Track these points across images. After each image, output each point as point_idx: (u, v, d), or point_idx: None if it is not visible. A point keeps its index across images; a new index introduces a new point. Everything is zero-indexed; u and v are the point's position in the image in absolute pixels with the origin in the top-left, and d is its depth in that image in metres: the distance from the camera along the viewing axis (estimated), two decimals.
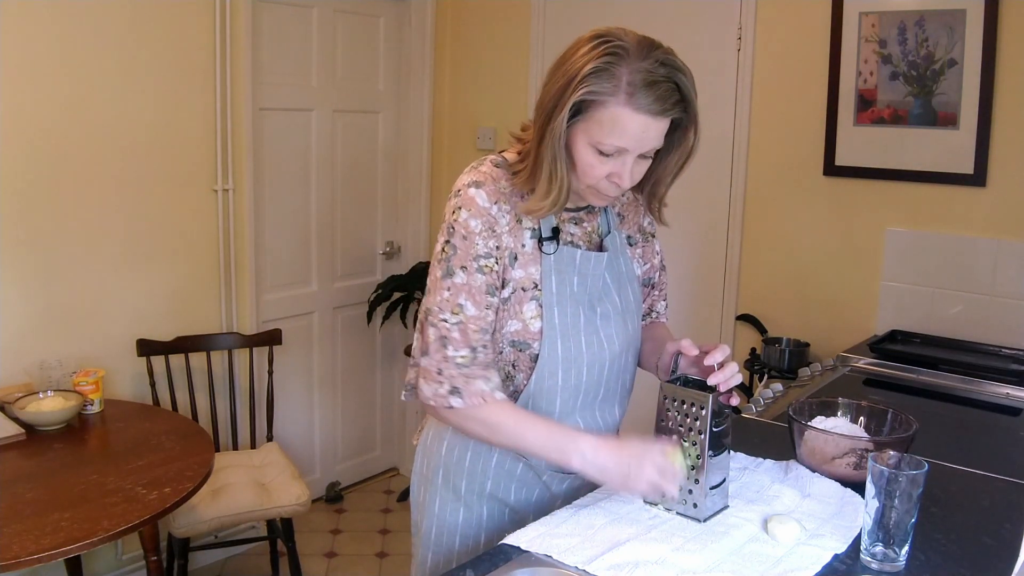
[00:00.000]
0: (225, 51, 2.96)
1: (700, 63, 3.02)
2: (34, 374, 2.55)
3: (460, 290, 1.31)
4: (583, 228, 1.44)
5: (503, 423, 1.32)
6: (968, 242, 2.52)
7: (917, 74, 2.55)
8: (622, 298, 1.45)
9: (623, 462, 1.25)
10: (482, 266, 1.32)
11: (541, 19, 3.41)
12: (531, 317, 1.35)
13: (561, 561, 1.17)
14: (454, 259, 1.32)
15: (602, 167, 1.27)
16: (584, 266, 1.39)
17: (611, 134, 1.23)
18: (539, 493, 1.47)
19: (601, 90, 1.20)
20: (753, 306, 2.98)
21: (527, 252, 1.35)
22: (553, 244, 1.36)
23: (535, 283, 1.35)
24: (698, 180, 3.07)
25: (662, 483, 1.24)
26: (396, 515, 3.58)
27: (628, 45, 1.21)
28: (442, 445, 1.47)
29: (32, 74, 2.52)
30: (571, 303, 1.37)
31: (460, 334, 1.31)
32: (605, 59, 1.20)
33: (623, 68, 1.20)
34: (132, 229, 2.82)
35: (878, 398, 2.08)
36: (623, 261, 1.47)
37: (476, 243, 1.31)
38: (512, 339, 1.35)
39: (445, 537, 1.47)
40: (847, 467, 1.39)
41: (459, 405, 1.31)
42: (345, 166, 3.56)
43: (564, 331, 1.36)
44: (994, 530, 1.29)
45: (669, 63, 1.23)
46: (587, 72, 1.20)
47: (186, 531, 2.54)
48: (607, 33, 1.24)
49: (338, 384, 3.68)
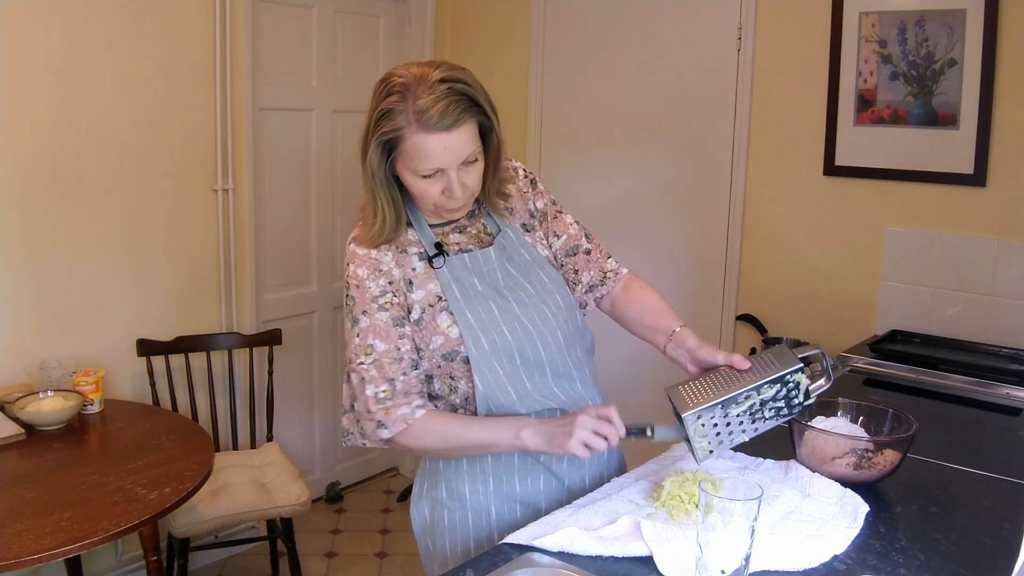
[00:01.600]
0: (225, 51, 2.96)
1: (700, 63, 3.05)
2: (34, 374, 2.55)
3: (367, 332, 1.41)
4: (468, 233, 1.50)
5: (448, 428, 1.40)
6: (968, 242, 2.52)
7: (917, 74, 2.55)
8: (534, 281, 1.49)
9: (556, 429, 1.34)
10: (382, 304, 1.41)
11: (541, 19, 3.41)
12: (448, 326, 1.41)
13: (562, 548, 1.19)
14: (355, 308, 1.42)
15: (432, 188, 1.36)
16: (477, 266, 1.46)
17: (421, 160, 1.32)
18: (544, 479, 1.48)
19: (395, 127, 1.31)
20: (753, 306, 2.98)
21: (420, 273, 1.44)
22: (440, 259, 1.45)
23: (439, 296, 1.43)
24: (698, 180, 3.07)
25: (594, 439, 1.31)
26: (396, 515, 3.58)
27: (407, 79, 1.31)
28: (438, 461, 1.50)
29: (32, 74, 2.52)
30: (479, 300, 1.44)
31: (377, 370, 1.40)
32: (389, 99, 1.31)
33: (407, 101, 1.30)
34: (132, 229, 2.82)
35: (878, 398, 2.08)
36: (524, 249, 1.52)
37: (368, 287, 1.42)
38: (441, 353, 1.42)
39: (460, 548, 1.48)
40: (847, 467, 1.39)
41: (387, 435, 1.40)
42: (345, 166, 3.56)
43: (482, 326, 1.42)
44: (994, 530, 1.29)
45: (448, 79, 1.31)
46: (377, 116, 1.33)
47: (186, 531, 2.54)
48: (389, 75, 1.35)
49: (338, 384, 3.68)
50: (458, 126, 1.31)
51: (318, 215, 3.48)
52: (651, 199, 3.19)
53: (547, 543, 1.21)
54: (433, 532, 1.51)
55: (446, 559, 1.49)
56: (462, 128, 1.32)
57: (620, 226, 3.21)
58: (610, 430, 1.31)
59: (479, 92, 1.34)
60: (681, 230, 3.14)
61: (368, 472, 3.91)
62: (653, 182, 3.19)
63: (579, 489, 1.49)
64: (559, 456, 1.46)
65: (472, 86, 1.33)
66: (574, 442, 1.31)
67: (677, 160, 3.10)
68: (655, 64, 3.12)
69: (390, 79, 1.34)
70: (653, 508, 1.32)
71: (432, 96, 1.29)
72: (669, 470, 1.43)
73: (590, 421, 1.31)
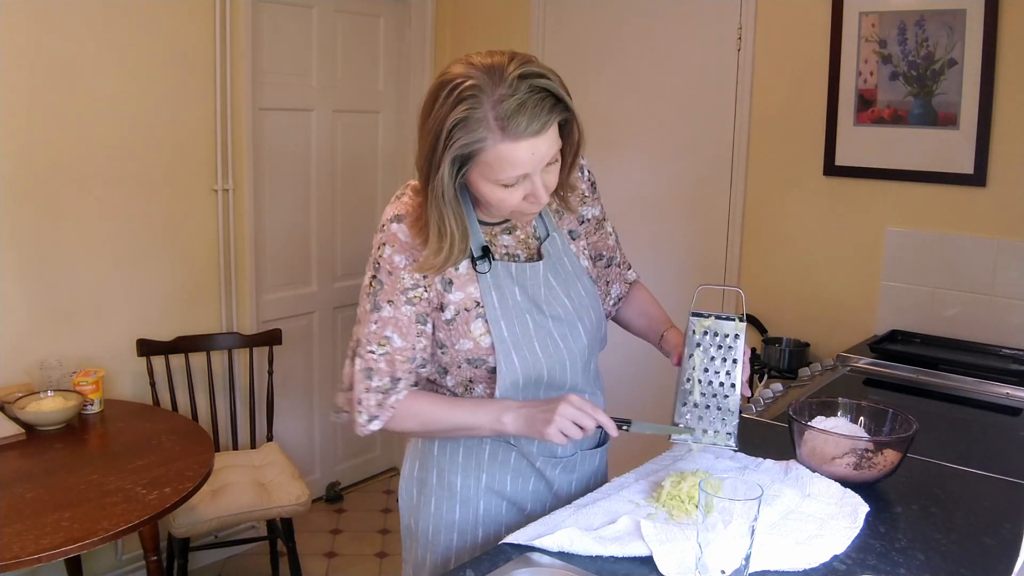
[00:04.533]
0: (225, 51, 2.96)
1: (700, 63, 3.05)
2: (34, 374, 2.55)
3: (387, 323, 1.35)
4: (517, 237, 1.43)
5: (429, 411, 1.37)
6: (968, 242, 2.52)
7: (917, 74, 2.54)
8: (571, 297, 1.44)
9: (537, 415, 1.30)
10: (411, 298, 1.34)
11: (541, 19, 3.41)
12: (480, 334, 1.35)
13: (562, 548, 1.20)
14: (380, 294, 1.35)
15: (513, 195, 1.25)
16: (521, 277, 1.38)
17: (504, 169, 1.21)
18: (535, 482, 1.48)
19: (475, 138, 1.18)
20: (753, 306, 2.97)
21: (462, 274, 1.36)
22: (486, 263, 1.35)
23: (476, 301, 1.36)
24: (698, 180, 3.07)
25: (571, 428, 1.28)
26: (396, 515, 3.58)
27: (477, 80, 1.17)
28: (434, 445, 1.48)
29: (32, 74, 2.52)
30: (516, 313, 1.37)
31: (387, 364, 1.36)
32: (461, 107, 1.17)
33: (485, 107, 1.16)
34: (132, 229, 2.82)
35: (878, 398, 2.08)
36: (568, 259, 1.46)
37: (402, 277, 1.33)
38: (467, 357, 1.37)
39: (443, 535, 1.47)
40: (847, 467, 1.39)
41: (378, 427, 1.38)
42: (345, 166, 3.56)
43: (515, 342, 1.36)
44: (994, 530, 1.29)
45: (527, 75, 1.18)
46: (451, 126, 1.17)
47: (186, 531, 2.54)
48: (452, 77, 1.19)
49: (338, 384, 3.67)
50: (546, 129, 1.19)
51: (318, 215, 3.48)
52: (651, 199, 3.19)
53: (547, 543, 1.21)
54: (417, 513, 1.51)
55: (427, 542, 1.49)
56: (550, 131, 1.21)
57: (620, 226, 3.17)
58: (588, 420, 1.28)
59: (559, 85, 1.22)
60: (681, 230, 3.14)
61: (368, 472, 3.91)
62: (653, 182, 3.18)
63: (566, 494, 1.49)
64: (546, 457, 1.46)
65: (552, 79, 1.20)
66: (552, 429, 1.27)
67: (677, 160, 3.10)
68: (655, 64, 3.12)
69: (456, 82, 1.18)
70: (653, 508, 1.32)
71: (515, 99, 1.16)
72: (669, 470, 1.43)
73: (571, 410, 1.28)
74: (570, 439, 1.30)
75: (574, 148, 1.32)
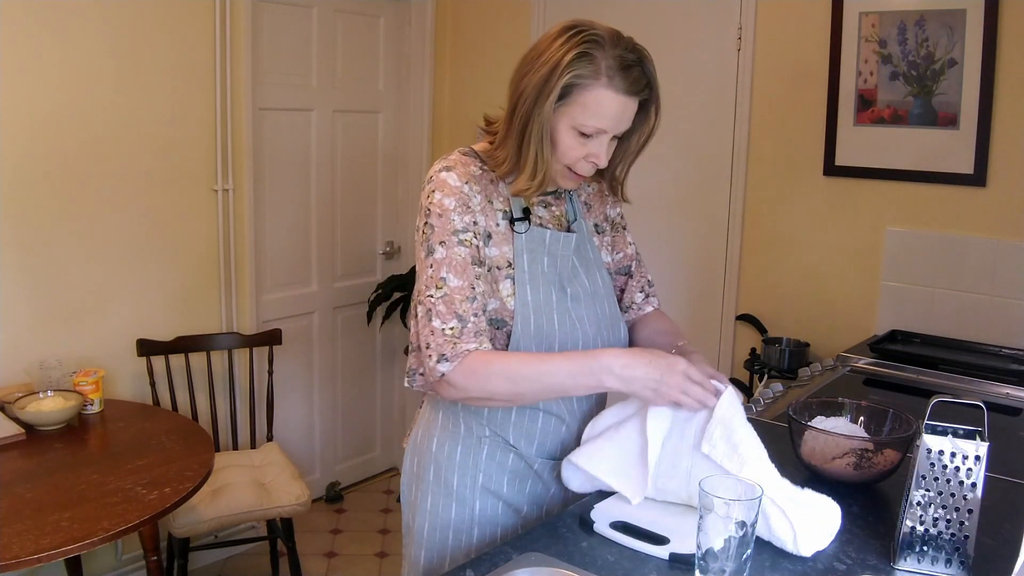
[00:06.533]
0: (225, 51, 2.96)
1: (700, 63, 3.05)
2: (34, 374, 2.55)
3: (441, 264, 1.34)
4: (551, 212, 1.49)
5: (518, 368, 1.31)
6: (968, 242, 2.52)
7: (917, 74, 2.55)
8: (591, 281, 1.49)
9: (652, 373, 1.27)
10: (462, 239, 1.35)
11: (541, 19, 3.41)
12: (507, 295, 1.39)
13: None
14: (433, 237, 1.36)
15: (582, 148, 1.34)
16: (554, 246, 1.44)
17: (594, 115, 1.31)
18: (532, 484, 1.48)
19: (585, 73, 1.29)
20: (753, 306, 2.98)
21: (500, 232, 1.41)
22: (525, 224, 1.42)
23: (508, 262, 1.40)
24: (698, 180, 3.07)
25: (693, 390, 1.26)
26: (396, 515, 3.58)
27: (602, 34, 1.31)
28: (432, 442, 1.48)
29: (32, 74, 2.52)
30: (543, 281, 1.41)
31: (445, 306, 1.33)
32: (585, 46, 1.29)
33: (601, 54, 1.29)
34: (132, 229, 2.82)
35: (878, 398, 2.08)
36: (590, 248, 1.52)
37: (452, 219, 1.35)
38: (491, 316, 1.38)
39: (438, 533, 1.48)
40: (847, 467, 1.39)
41: (447, 369, 1.30)
42: (345, 166, 3.56)
43: (536, 308, 1.39)
44: (994, 530, 1.29)
45: (637, 50, 1.33)
46: (571, 58, 1.28)
47: (186, 531, 2.54)
48: (580, 23, 1.32)
49: (338, 384, 3.68)
50: (638, 96, 1.33)
51: (318, 215, 3.48)
52: (651, 199, 3.19)
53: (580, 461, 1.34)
54: (415, 510, 1.51)
55: (423, 540, 1.49)
56: (636, 101, 1.34)
57: None
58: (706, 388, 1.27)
59: (655, 74, 1.36)
60: (681, 230, 3.14)
61: (368, 472, 3.91)
62: (653, 182, 3.18)
63: (561, 498, 1.50)
64: (544, 459, 1.46)
65: (652, 67, 1.35)
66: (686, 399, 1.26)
67: (677, 160, 3.10)
68: (655, 64, 3.12)
69: (584, 28, 1.31)
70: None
71: (626, 60, 1.30)
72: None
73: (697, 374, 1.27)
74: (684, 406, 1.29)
75: (647, 133, 1.42)
